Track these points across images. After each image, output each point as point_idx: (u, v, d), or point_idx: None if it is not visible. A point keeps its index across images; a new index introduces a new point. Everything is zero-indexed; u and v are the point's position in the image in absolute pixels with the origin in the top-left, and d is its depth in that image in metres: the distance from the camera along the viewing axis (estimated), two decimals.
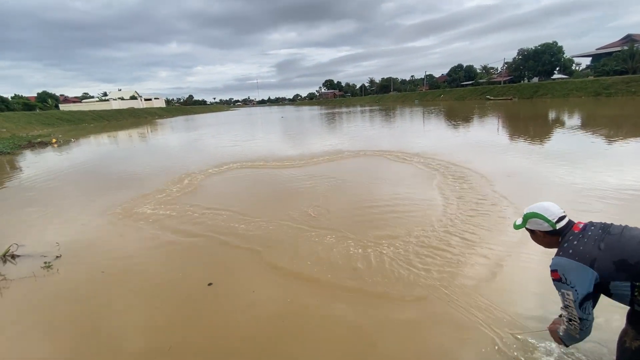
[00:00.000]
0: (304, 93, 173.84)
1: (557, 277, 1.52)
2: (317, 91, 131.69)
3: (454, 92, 51.93)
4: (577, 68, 48.11)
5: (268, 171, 7.93)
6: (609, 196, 4.60)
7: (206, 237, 4.17)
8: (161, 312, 2.78)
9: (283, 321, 2.56)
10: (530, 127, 13.70)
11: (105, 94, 77.57)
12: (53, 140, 18.30)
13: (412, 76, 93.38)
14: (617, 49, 37.07)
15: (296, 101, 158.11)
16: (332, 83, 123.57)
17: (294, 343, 2.34)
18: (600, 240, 1.48)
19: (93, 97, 78.82)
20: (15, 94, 50.16)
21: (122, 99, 65.20)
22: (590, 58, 46.46)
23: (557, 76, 44.98)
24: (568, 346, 1.77)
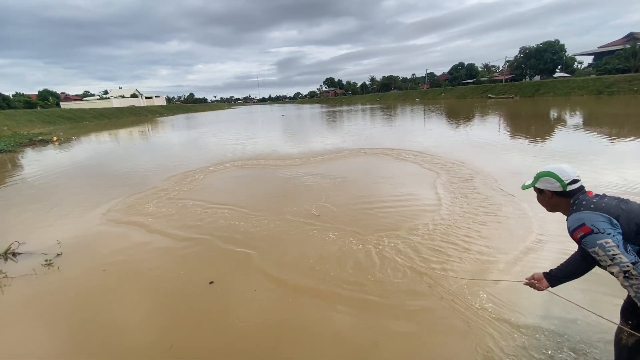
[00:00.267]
0: (305, 91, 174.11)
1: (588, 231, 1.37)
2: (318, 89, 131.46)
3: (455, 91, 51.82)
4: (579, 66, 47.84)
5: (269, 169, 7.91)
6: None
7: (208, 235, 4.16)
8: (162, 310, 2.77)
9: (284, 319, 2.54)
10: (532, 126, 13.65)
11: (106, 92, 77.53)
12: (54, 138, 18.32)
13: (413, 74, 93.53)
14: (620, 47, 36.92)
15: (297, 99, 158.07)
16: (333, 81, 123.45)
17: (295, 342, 2.33)
18: (621, 202, 1.44)
19: (94, 95, 78.75)
20: (16, 92, 50.26)
21: (123, 97, 65.29)
22: (592, 56, 46.29)
23: (559, 75, 44.80)
24: None
